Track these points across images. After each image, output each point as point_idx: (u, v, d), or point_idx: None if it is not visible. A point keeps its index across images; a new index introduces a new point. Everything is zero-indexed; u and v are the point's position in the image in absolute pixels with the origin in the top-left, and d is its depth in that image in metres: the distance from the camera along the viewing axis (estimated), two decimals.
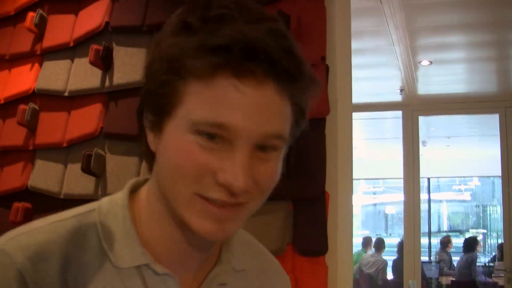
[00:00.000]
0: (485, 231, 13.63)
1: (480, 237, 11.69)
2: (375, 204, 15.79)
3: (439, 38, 4.87)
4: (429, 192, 13.01)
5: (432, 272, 9.32)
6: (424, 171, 12.21)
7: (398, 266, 8.40)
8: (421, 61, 5.38)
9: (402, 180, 6.93)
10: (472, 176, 13.51)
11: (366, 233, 13.34)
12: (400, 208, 8.19)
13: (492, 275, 8.91)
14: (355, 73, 5.89)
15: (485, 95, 6.66)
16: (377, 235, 12.16)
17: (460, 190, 14.32)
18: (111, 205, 0.91)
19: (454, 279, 8.69)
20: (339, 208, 2.06)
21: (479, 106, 6.84)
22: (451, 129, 9.28)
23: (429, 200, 12.98)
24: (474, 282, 8.29)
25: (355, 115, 7.53)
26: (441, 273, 9.44)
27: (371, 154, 11.60)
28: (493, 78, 6.34)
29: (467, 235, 11.68)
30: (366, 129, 9.53)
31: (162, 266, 0.88)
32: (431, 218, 13.04)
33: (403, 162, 6.84)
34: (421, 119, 8.08)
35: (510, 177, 6.54)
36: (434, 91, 6.69)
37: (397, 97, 6.69)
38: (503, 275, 7.04)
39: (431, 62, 5.43)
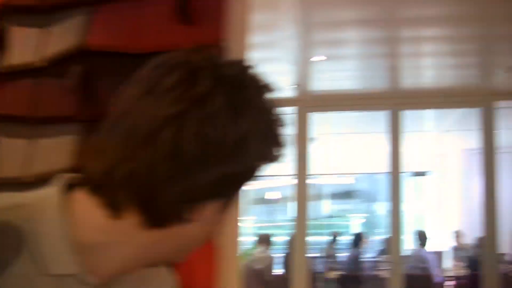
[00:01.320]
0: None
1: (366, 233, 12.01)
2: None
3: (333, 33, 4.86)
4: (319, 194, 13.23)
5: (321, 267, 9.46)
6: (314, 168, 12.45)
7: (287, 261, 8.45)
8: (313, 57, 5.33)
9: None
10: (364, 173, 13.85)
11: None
12: None
13: (377, 268, 9.16)
14: None
15: (376, 92, 6.76)
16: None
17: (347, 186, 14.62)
18: (41, 202, 0.84)
19: (340, 273, 8.83)
20: None
21: (370, 102, 6.93)
22: (344, 125, 9.39)
23: (320, 202, 13.22)
24: (359, 276, 8.47)
25: None
26: (329, 268, 9.60)
27: None
28: (384, 75, 6.45)
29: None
30: None
31: (98, 277, 0.84)
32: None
33: (296, 160, 6.81)
34: (314, 115, 8.15)
35: (394, 175, 6.68)
36: (327, 87, 6.71)
37: (291, 93, 6.64)
38: (387, 268, 7.25)
39: (324, 58, 5.39)
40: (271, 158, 0.85)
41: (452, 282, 9.05)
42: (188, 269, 1.82)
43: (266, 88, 0.88)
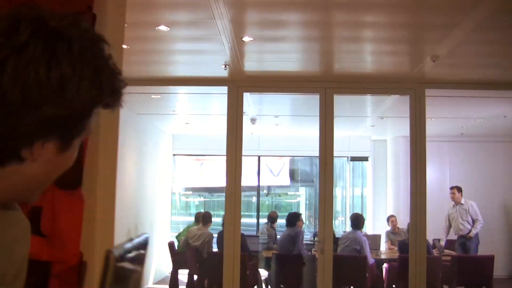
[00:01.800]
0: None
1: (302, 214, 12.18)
2: None
3: (265, 14, 4.91)
4: (259, 172, 13.30)
5: (257, 245, 9.59)
6: (255, 149, 12.60)
7: (221, 238, 8.54)
8: (244, 37, 5.37)
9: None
10: (299, 156, 13.96)
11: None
12: None
13: (313, 249, 9.33)
14: (178, 46, 5.81)
15: (308, 75, 6.87)
16: None
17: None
18: None
19: (276, 252, 8.99)
20: (101, 145, 1.98)
21: (302, 85, 7.05)
22: (278, 107, 9.53)
23: (258, 179, 13.30)
24: (295, 255, 8.59)
25: (182, 89, 7.41)
26: (266, 247, 9.75)
27: (202, 129, 11.68)
28: (316, 58, 6.55)
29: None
30: (195, 105, 9.54)
31: None
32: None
33: (226, 139, 6.88)
34: (252, 97, 8.23)
35: (326, 157, 6.82)
36: (261, 68, 6.78)
37: (224, 73, 6.70)
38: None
39: (254, 39, 5.44)
40: (104, 102, 0.97)
41: (385, 265, 9.33)
42: (51, 215, 1.88)
43: (92, 39, 0.96)
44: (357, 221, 8.75)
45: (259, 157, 13.05)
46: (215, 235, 9.27)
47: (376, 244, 9.90)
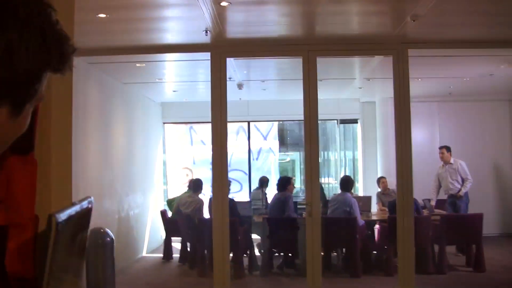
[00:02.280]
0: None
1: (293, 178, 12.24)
2: None
3: None
4: (249, 137, 13.29)
5: (248, 211, 9.67)
6: (244, 115, 12.59)
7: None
8: (221, 2, 5.32)
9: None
10: (289, 121, 13.93)
11: None
12: None
13: (303, 213, 9.42)
14: (156, 13, 5.74)
15: (290, 38, 6.83)
16: None
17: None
18: None
19: (267, 216, 9.08)
20: (54, 110, 2.07)
21: (285, 49, 7.01)
22: (264, 72, 9.50)
23: (249, 144, 13.30)
24: (286, 219, 8.68)
25: (166, 57, 7.34)
26: (257, 212, 9.83)
27: (191, 96, 11.65)
28: (297, 21, 6.50)
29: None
30: (181, 72, 9.49)
31: None
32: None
33: (211, 105, 6.88)
34: (236, 62, 8.20)
35: (311, 120, 6.83)
36: (243, 33, 6.73)
37: (206, 39, 6.65)
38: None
39: (232, 3, 5.38)
40: (52, 67, 0.99)
41: (377, 226, 9.43)
42: (5, 180, 1.91)
43: (38, 5, 0.97)
44: (346, 183, 8.81)
45: (248, 122, 13.04)
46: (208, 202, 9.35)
47: (367, 206, 10.00)
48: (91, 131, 8.10)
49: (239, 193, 13.05)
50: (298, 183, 14.01)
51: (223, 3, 5.34)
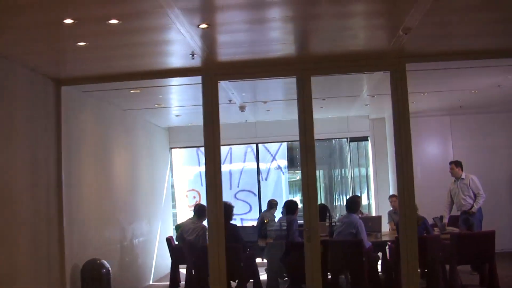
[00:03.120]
0: None
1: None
2: None
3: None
4: (257, 158, 13.08)
5: (254, 236, 9.41)
6: (252, 137, 12.42)
7: None
8: (200, 24, 5.15)
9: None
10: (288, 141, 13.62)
11: None
12: None
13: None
14: (137, 38, 5.58)
15: (283, 58, 6.63)
16: None
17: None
18: None
19: (271, 241, 8.82)
20: None
21: (278, 69, 6.81)
22: (264, 93, 9.31)
23: (258, 165, 13.09)
24: (289, 243, 8.43)
25: (160, 82, 7.10)
26: (261, 235, 9.57)
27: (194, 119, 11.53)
28: (289, 40, 6.28)
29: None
30: (180, 97, 9.35)
31: None
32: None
33: (203, 129, 6.72)
34: (233, 84, 8.03)
35: (307, 141, 6.60)
36: (234, 54, 6.54)
37: (197, 62, 6.49)
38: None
39: (210, 25, 5.21)
40: None
41: (388, 245, 9.13)
42: None
43: None
44: (352, 204, 8.52)
45: (256, 144, 12.85)
46: None
47: (378, 226, 9.65)
48: (87, 160, 7.96)
49: (249, 214, 12.84)
50: None
51: (202, 26, 5.16)
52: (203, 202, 13.01)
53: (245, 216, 13.13)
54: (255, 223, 10.90)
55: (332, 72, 6.95)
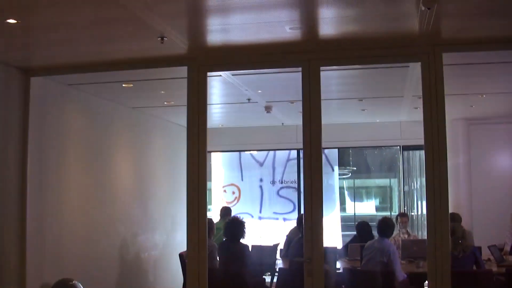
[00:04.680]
0: None
1: None
2: None
3: None
4: (298, 167, 11.76)
5: (272, 257, 8.13)
6: (293, 142, 11.07)
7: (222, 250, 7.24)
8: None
9: None
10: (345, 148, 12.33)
11: None
12: None
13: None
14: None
15: (287, 44, 5.26)
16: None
17: None
18: None
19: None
20: None
21: (280, 58, 5.48)
22: (290, 90, 7.92)
23: (298, 176, 11.82)
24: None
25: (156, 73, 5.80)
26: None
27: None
28: (294, 21, 4.92)
29: None
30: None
31: None
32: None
33: (187, 131, 5.58)
34: (242, 79, 6.81)
35: (312, 148, 5.25)
36: (227, 40, 5.27)
37: (181, 49, 5.29)
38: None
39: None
40: None
41: None
42: None
43: None
44: (385, 226, 7.04)
45: (298, 150, 11.53)
46: None
47: (423, 252, 8.06)
48: (74, 163, 6.92)
49: (292, 214, 11.73)
50: None
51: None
52: (243, 198, 11.95)
53: (288, 216, 11.96)
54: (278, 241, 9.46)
55: (346, 63, 5.54)
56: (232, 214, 11.68)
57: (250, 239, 11.17)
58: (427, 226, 5.10)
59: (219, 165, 12.37)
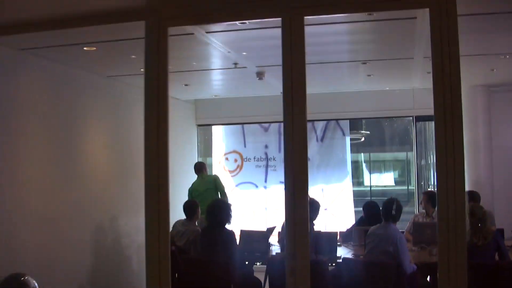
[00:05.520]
0: None
1: None
2: None
3: None
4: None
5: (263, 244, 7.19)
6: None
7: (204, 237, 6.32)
8: None
9: None
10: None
11: None
12: None
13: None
14: None
15: None
16: None
17: None
18: None
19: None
20: None
21: (256, 8, 4.48)
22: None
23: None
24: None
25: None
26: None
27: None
28: None
29: None
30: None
31: None
32: None
33: (144, 103, 4.70)
34: (222, 37, 5.87)
35: (294, 119, 4.28)
36: None
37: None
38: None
39: None
40: None
41: None
42: None
43: None
44: (391, 208, 6.04)
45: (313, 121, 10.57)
46: None
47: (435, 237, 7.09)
48: (33, 140, 6.05)
49: None
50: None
51: None
52: (246, 166, 11.00)
53: None
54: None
55: (334, 11, 4.50)
56: (235, 184, 10.85)
57: (249, 217, 10.36)
58: (438, 206, 4.08)
59: (220, 136, 11.40)
